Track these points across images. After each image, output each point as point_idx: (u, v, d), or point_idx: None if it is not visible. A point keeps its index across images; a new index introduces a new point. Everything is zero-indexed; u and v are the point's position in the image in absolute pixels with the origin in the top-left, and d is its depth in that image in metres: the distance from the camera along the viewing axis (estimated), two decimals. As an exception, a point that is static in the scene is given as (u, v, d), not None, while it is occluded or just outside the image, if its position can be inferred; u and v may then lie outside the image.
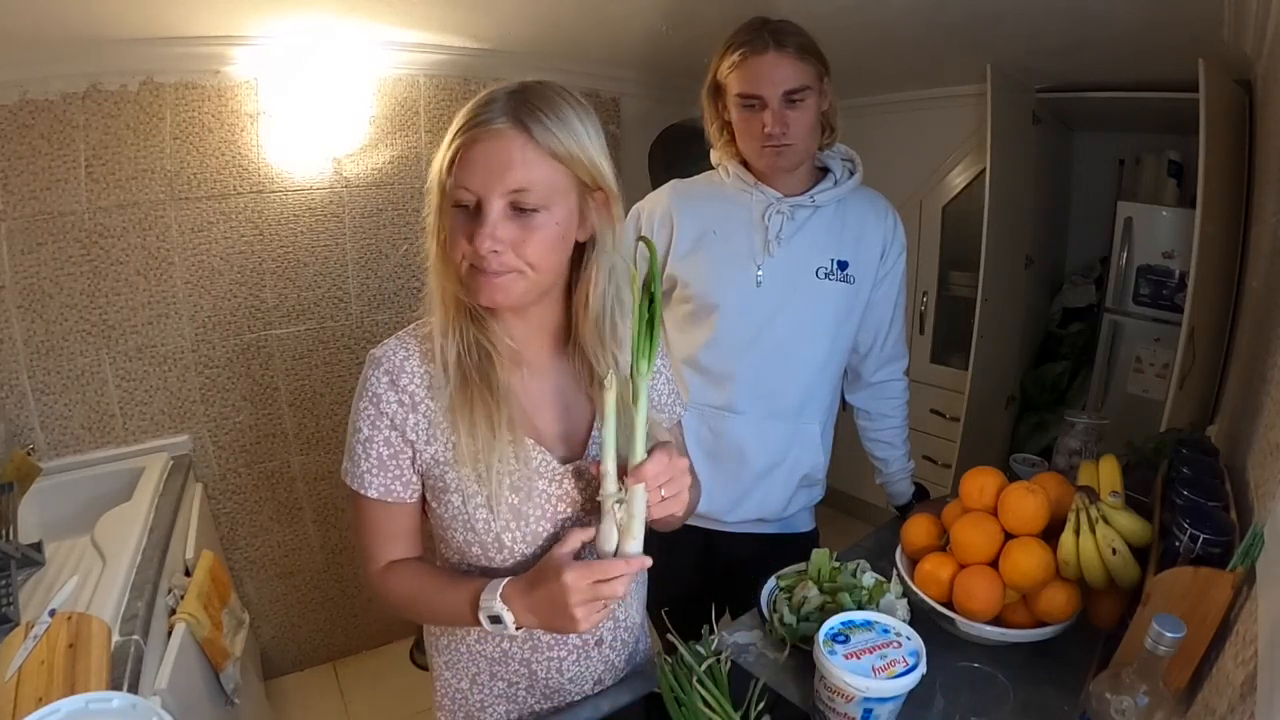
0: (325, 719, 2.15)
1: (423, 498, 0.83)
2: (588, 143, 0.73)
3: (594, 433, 0.83)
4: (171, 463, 1.87)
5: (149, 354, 1.89)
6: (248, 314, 2.01)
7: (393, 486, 0.79)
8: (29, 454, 1.65)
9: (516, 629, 0.74)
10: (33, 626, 1.08)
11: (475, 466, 0.76)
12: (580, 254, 0.78)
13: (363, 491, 0.79)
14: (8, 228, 1.66)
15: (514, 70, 2.44)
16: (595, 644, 0.90)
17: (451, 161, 0.70)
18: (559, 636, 0.86)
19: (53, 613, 1.11)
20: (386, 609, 0.85)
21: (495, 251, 0.69)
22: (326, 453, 2.20)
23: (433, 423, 0.77)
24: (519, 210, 0.70)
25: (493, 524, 0.77)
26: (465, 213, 0.71)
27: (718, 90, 1.24)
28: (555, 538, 0.80)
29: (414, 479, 0.80)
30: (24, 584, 1.33)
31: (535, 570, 0.74)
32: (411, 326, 0.82)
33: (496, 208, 0.69)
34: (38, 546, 1.42)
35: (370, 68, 1.99)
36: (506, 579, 0.75)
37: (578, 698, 0.92)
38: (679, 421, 0.99)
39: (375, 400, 0.77)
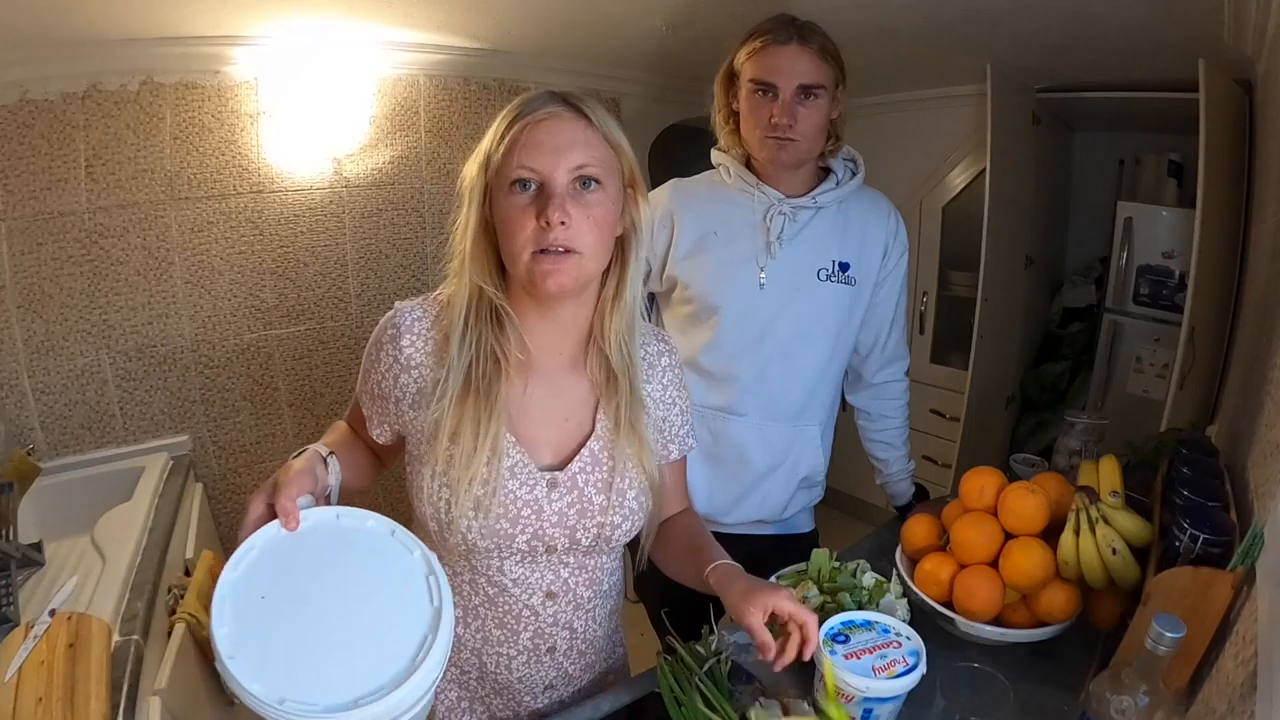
0: (325, 719, 2.14)
1: (400, 447, 0.87)
2: (625, 140, 0.79)
3: (584, 450, 0.83)
4: (171, 463, 1.87)
5: (149, 354, 1.89)
6: (248, 314, 2.01)
7: (371, 419, 0.86)
8: (29, 454, 1.65)
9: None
10: (33, 626, 1.08)
11: (447, 460, 0.77)
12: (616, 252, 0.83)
13: (360, 406, 0.88)
14: (8, 228, 1.66)
15: (514, 70, 2.42)
16: (547, 650, 0.88)
17: (510, 147, 0.74)
18: (509, 633, 0.86)
19: (53, 613, 1.11)
20: None
21: (563, 224, 0.72)
22: (326, 453, 2.20)
23: (421, 390, 0.80)
24: (580, 189, 0.74)
25: (452, 508, 0.78)
26: (524, 196, 0.74)
27: (732, 77, 1.24)
28: (513, 538, 0.80)
29: (385, 429, 0.85)
30: (24, 584, 1.33)
31: None
32: (438, 290, 0.85)
33: (562, 183, 0.73)
34: (38, 546, 1.42)
35: (370, 68, 1.99)
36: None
37: (529, 699, 0.91)
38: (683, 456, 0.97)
39: (376, 348, 0.83)
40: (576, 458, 0.82)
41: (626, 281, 0.82)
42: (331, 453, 0.79)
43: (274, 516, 0.67)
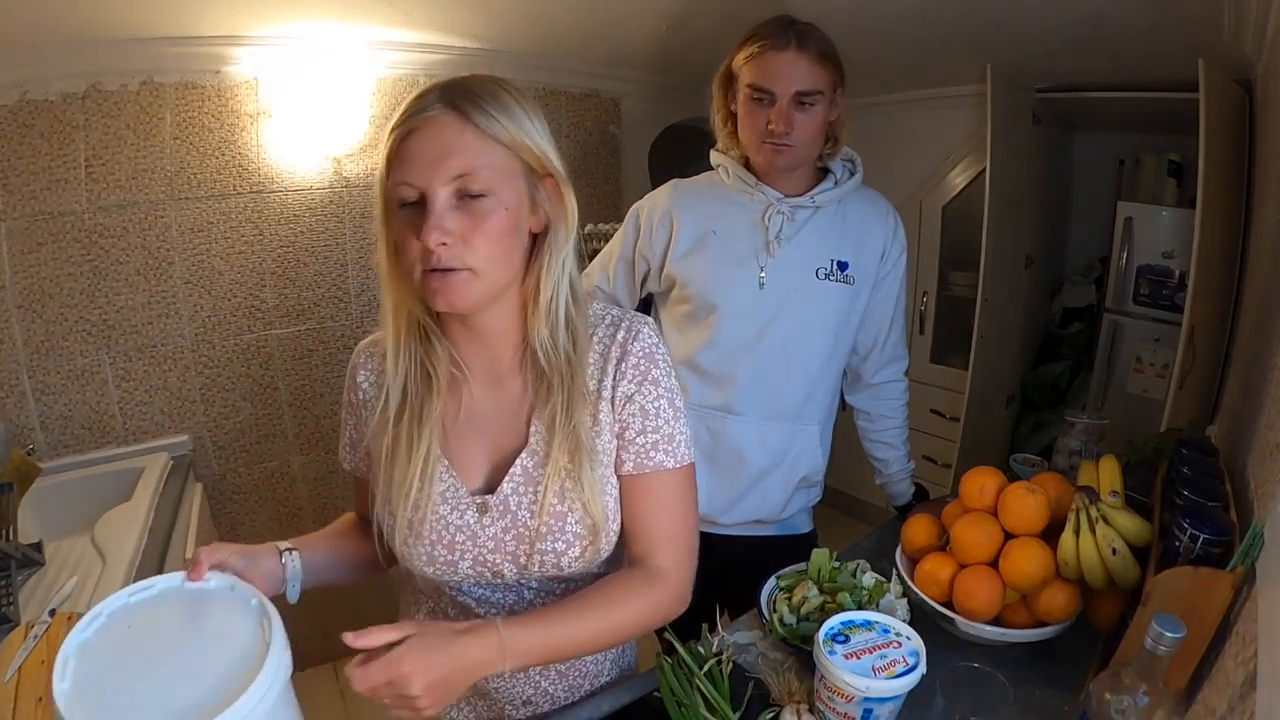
0: (325, 719, 2.14)
1: None
2: (530, 127, 0.70)
3: (515, 466, 0.77)
4: (171, 463, 1.87)
5: (149, 354, 1.89)
6: (248, 314, 2.01)
7: (358, 465, 0.88)
8: (29, 454, 1.65)
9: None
10: (33, 626, 1.08)
11: (387, 483, 0.78)
12: (535, 249, 0.75)
13: (342, 464, 0.89)
14: (8, 228, 1.66)
15: (514, 70, 2.42)
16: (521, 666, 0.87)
17: (390, 160, 0.67)
18: None
19: (53, 613, 1.11)
20: None
21: (444, 244, 0.65)
22: (326, 452, 2.20)
23: (367, 421, 0.82)
24: (465, 198, 0.66)
25: (394, 534, 0.78)
26: (411, 211, 0.67)
27: (730, 79, 1.24)
28: (454, 564, 0.77)
29: (364, 468, 0.87)
30: (24, 584, 1.33)
31: None
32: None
33: (441, 197, 0.66)
34: (38, 546, 1.42)
35: (370, 68, 1.99)
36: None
37: (510, 709, 0.89)
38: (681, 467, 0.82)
39: (347, 390, 0.85)
40: (507, 477, 0.76)
41: (545, 280, 0.73)
42: (291, 549, 0.77)
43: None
